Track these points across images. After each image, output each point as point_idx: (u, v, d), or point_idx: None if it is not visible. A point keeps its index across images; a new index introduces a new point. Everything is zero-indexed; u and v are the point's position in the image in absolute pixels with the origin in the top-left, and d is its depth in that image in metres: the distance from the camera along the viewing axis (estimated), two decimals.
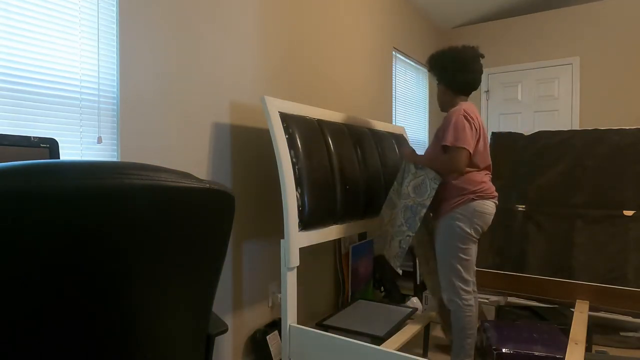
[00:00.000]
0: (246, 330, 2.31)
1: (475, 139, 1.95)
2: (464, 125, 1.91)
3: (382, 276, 3.41)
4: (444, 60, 2.08)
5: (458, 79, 2.04)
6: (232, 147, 2.21)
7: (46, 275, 0.60)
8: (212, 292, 0.88)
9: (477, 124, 1.97)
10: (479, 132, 1.98)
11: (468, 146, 1.89)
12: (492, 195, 2.01)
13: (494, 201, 2.03)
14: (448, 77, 2.06)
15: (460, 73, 2.04)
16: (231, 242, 2.22)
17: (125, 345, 0.72)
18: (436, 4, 4.26)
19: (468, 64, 2.04)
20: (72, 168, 0.60)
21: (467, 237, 1.97)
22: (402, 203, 2.08)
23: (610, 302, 2.42)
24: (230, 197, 0.80)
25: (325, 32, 2.93)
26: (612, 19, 4.11)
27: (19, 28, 1.43)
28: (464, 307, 2.00)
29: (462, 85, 2.05)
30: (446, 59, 2.08)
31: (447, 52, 2.09)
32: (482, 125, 2.02)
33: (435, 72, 2.12)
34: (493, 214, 2.03)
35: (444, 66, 2.07)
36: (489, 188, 2.01)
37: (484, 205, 1.97)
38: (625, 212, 2.84)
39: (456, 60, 2.05)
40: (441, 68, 2.09)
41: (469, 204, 1.95)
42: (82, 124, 1.62)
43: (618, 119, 4.07)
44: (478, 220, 1.96)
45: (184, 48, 1.96)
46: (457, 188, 1.97)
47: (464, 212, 1.96)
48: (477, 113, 2.02)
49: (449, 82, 2.07)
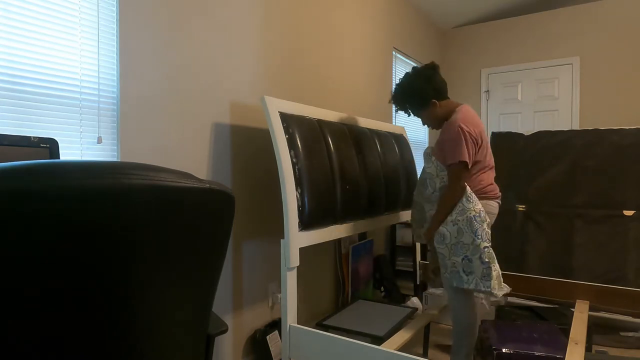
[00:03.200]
0: (246, 330, 2.31)
1: (477, 146, 1.90)
2: (458, 138, 1.86)
3: (382, 276, 3.41)
4: (407, 88, 2.03)
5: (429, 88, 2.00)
6: (232, 147, 2.21)
7: (46, 274, 0.60)
8: (212, 292, 0.88)
9: (475, 131, 1.90)
10: (481, 138, 1.92)
11: (464, 157, 1.85)
12: (496, 196, 2.02)
13: (498, 201, 2.03)
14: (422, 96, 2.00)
15: (426, 84, 1.99)
16: (231, 242, 2.22)
17: (125, 345, 0.72)
18: (436, 4, 4.26)
19: (422, 72, 2.02)
20: (72, 168, 0.60)
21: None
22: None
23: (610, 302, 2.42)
24: (230, 197, 0.80)
25: (325, 32, 2.93)
26: (612, 19, 4.11)
27: (19, 28, 1.43)
28: (465, 307, 2.00)
29: (437, 90, 2.00)
30: (406, 85, 2.04)
31: (403, 82, 2.06)
32: (482, 130, 1.96)
33: (410, 102, 2.05)
34: (496, 214, 2.03)
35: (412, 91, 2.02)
36: (494, 189, 2.01)
37: (489, 205, 1.98)
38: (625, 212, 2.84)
39: (414, 79, 2.02)
40: (410, 94, 2.03)
41: None
42: (82, 124, 1.62)
43: (618, 119, 4.07)
44: None
45: (184, 48, 1.96)
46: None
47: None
48: (475, 119, 1.95)
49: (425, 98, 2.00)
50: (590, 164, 3.01)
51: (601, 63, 4.16)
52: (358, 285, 3.11)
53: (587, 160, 3.03)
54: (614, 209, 2.87)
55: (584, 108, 4.25)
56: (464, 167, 1.87)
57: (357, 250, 3.11)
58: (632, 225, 2.79)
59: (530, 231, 3.05)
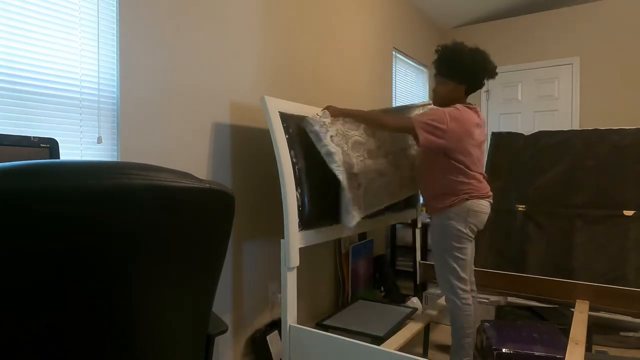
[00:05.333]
0: (246, 330, 2.31)
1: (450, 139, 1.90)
2: (436, 116, 1.89)
3: (382, 276, 3.41)
4: (466, 54, 2.01)
5: (478, 78, 2.02)
6: (232, 147, 2.21)
7: (46, 274, 0.60)
8: (213, 292, 0.88)
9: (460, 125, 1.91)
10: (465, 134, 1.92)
11: (425, 127, 1.87)
12: (486, 195, 2.01)
13: (489, 200, 2.03)
14: (467, 74, 2.01)
15: (478, 68, 2.01)
16: (231, 242, 2.22)
17: (125, 345, 0.72)
18: (436, 4, 4.26)
19: (487, 60, 2.04)
20: (72, 168, 0.60)
21: (462, 237, 1.97)
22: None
23: (610, 302, 2.42)
24: (230, 197, 0.80)
25: (325, 32, 2.93)
26: (612, 19, 4.11)
27: (19, 28, 1.43)
28: (462, 306, 2.00)
29: (475, 82, 2.03)
30: (466, 53, 2.02)
31: (466, 48, 2.04)
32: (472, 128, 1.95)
33: (453, 65, 2.02)
34: (488, 212, 2.03)
35: (465, 60, 2.00)
36: (484, 188, 2.01)
37: (479, 204, 1.97)
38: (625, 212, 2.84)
39: (476, 55, 2.02)
40: (460, 61, 2.01)
41: (463, 204, 1.95)
42: (82, 124, 1.62)
43: (618, 119, 4.07)
44: (473, 220, 1.97)
45: (184, 48, 1.96)
46: (452, 188, 1.97)
47: (458, 212, 1.96)
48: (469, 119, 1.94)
49: (465, 75, 2.01)
50: (590, 164, 3.01)
51: (601, 63, 4.16)
52: (358, 285, 3.11)
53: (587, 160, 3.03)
54: (614, 209, 2.87)
55: (584, 108, 4.25)
56: (412, 128, 1.90)
57: (357, 250, 3.11)
58: (632, 225, 2.79)
59: (530, 231, 3.05)
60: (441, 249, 2.01)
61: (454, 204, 1.96)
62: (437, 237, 2.03)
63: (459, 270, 1.98)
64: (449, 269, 2.00)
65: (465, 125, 1.92)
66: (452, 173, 1.96)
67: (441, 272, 2.03)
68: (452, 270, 1.99)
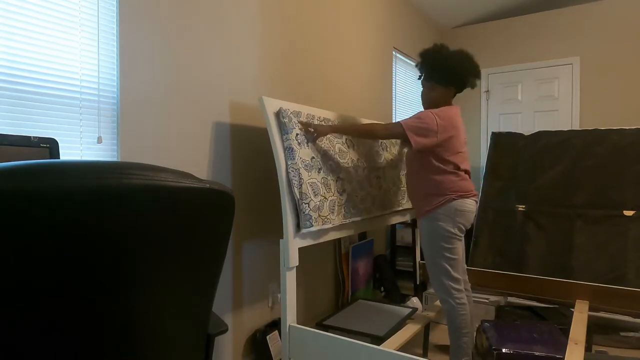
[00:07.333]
0: (246, 330, 2.31)
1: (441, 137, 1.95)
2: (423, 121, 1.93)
3: (382, 276, 3.41)
4: (448, 56, 2.06)
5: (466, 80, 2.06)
6: (232, 147, 2.21)
7: (47, 273, 0.60)
8: (212, 292, 0.88)
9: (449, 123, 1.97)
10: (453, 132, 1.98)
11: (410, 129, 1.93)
12: (472, 194, 2.04)
13: (474, 199, 2.06)
14: (455, 77, 2.05)
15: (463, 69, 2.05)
16: (231, 242, 2.22)
17: (125, 345, 0.72)
18: (436, 4, 4.26)
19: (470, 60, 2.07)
20: (73, 168, 0.60)
21: (451, 237, 1.98)
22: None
23: (610, 302, 2.42)
24: (230, 197, 0.80)
25: (325, 32, 2.93)
26: (612, 19, 4.11)
27: (19, 28, 1.43)
28: (457, 306, 2.00)
29: (461, 83, 2.07)
30: (449, 55, 2.06)
31: (448, 51, 2.09)
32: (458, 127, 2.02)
33: (436, 69, 2.08)
34: (474, 211, 2.06)
35: (449, 62, 2.05)
36: (468, 187, 2.04)
37: (465, 203, 1.99)
38: (625, 212, 2.84)
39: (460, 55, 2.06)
40: (444, 63, 2.06)
41: (449, 204, 1.97)
42: (82, 124, 1.62)
43: (618, 119, 4.07)
44: (460, 219, 1.98)
45: (184, 48, 1.96)
46: (438, 189, 1.99)
47: (445, 212, 1.97)
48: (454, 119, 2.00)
49: (449, 77, 2.05)
50: (590, 164, 3.01)
51: (601, 63, 4.16)
52: (358, 285, 3.11)
53: (587, 160, 3.03)
54: (614, 209, 2.87)
55: (584, 108, 4.25)
56: (402, 133, 1.94)
57: (357, 250, 3.11)
58: (632, 225, 2.79)
59: (530, 231, 3.05)
60: (432, 251, 2.02)
61: (440, 204, 1.97)
62: (427, 240, 2.04)
63: (451, 270, 1.99)
64: (442, 270, 2.00)
65: (453, 124, 1.99)
66: (438, 173, 2.00)
67: (434, 274, 2.04)
68: (445, 271, 2.00)
